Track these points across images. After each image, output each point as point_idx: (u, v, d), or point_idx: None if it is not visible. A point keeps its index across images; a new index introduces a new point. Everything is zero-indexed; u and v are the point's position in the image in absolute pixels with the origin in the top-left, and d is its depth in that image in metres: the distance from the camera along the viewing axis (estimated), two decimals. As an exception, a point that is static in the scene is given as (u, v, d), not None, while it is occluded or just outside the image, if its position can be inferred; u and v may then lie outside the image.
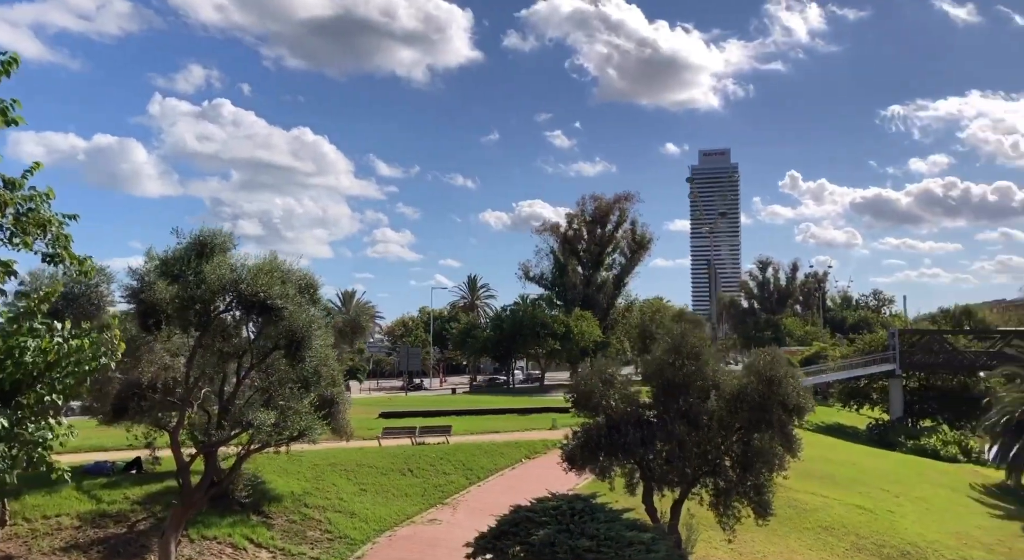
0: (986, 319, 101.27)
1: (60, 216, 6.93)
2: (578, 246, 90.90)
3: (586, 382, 17.68)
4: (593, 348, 78.67)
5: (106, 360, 7.00)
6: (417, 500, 22.30)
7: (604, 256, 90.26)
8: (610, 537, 14.19)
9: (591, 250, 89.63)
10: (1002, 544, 22.71)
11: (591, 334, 76.03)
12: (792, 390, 16.08)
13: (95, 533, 16.83)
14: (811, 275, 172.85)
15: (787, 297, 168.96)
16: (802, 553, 19.16)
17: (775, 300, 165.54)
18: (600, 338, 78.10)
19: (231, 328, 16.15)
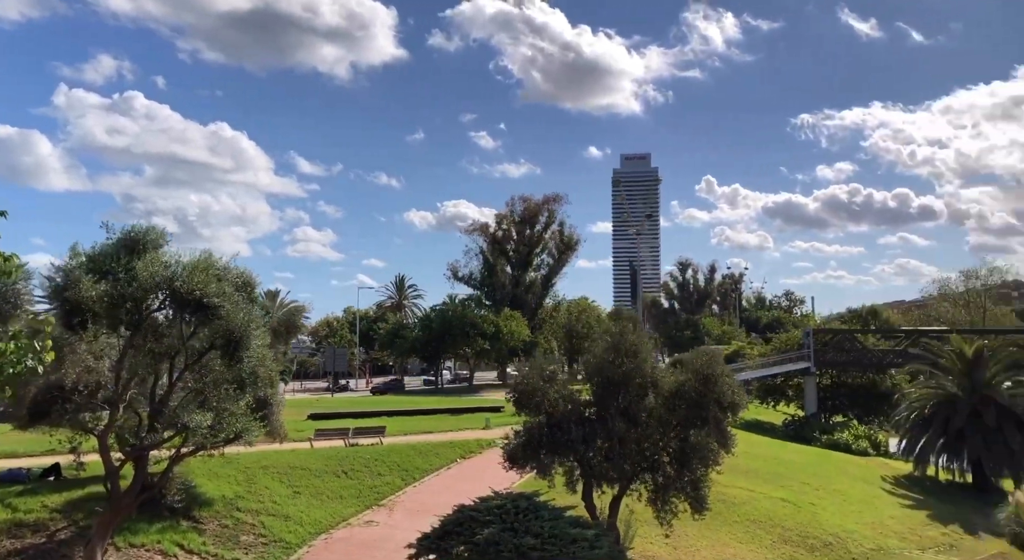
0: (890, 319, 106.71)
1: None
2: (507, 246, 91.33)
3: (527, 381, 17.79)
4: (522, 348, 79.17)
5: (32, 364, 6.63)
6: (352, 502, 21.99)
7: (533, 256, 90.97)
8: (554, 535, 14.31)
9: (520, 250, 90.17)
10: (913, 532, 23.98)
11: (520, 334, 76.48)
12: (727, 388, 16.59)
13: (11, 544, 15.93)
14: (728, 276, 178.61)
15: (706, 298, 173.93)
16: (733, 546, 19.77)
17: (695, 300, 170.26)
18: (529, 338, 78.66)
19: (163, 327, 15.58)
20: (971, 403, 30.78)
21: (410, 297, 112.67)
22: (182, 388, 15.68)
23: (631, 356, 17.28)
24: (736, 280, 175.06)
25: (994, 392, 30.84)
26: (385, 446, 27.36)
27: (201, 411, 14.35)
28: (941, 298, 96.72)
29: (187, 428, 14.06)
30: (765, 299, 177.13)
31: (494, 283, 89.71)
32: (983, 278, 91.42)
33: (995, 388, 31.13)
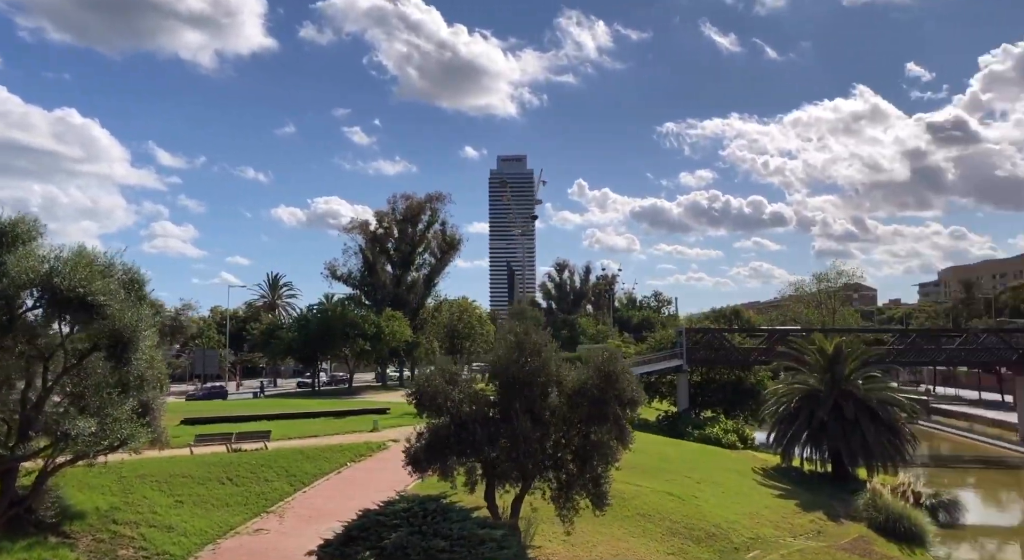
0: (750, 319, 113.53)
1: None
2: (388, 245, 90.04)
3: (430, 382, 17.61)
4: (404, 348, 78.33)
5: None
6: (239, 510, 21.01)
7: (415, 256, 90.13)
8: (463, 536, 14.27)
9: (402, 249, 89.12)
10: (785, 521, 25.56)
11: (402, 334, 75.60)
12: (628, 384, 17.07)
13: None
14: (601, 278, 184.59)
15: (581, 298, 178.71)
16: (626, 540, 20.36)
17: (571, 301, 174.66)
18: (411, 338, 77.88)
19: (38, 327, 14.29)
20: (832, 397, 33.16)
21: (284, 296, 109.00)
22: (58, 393, 14.44)
23: (535, 355, 17.45)
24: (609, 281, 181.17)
25: (852, 386, 33.37)
26: (271, 451, 26.31)
27: (83, 417, 13.26)
28: (796, 299, 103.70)
29: (67, 436, 12.95)
30: (636, 300, 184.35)
31: (374, 282, 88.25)
32: (833, 281, 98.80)
33: (853, 383, 33.68)
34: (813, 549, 22.49)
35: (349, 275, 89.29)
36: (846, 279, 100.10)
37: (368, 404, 47.42)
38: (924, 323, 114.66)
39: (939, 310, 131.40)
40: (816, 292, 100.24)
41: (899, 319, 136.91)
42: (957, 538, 28.40)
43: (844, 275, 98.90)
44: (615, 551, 19.35)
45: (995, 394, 75.82)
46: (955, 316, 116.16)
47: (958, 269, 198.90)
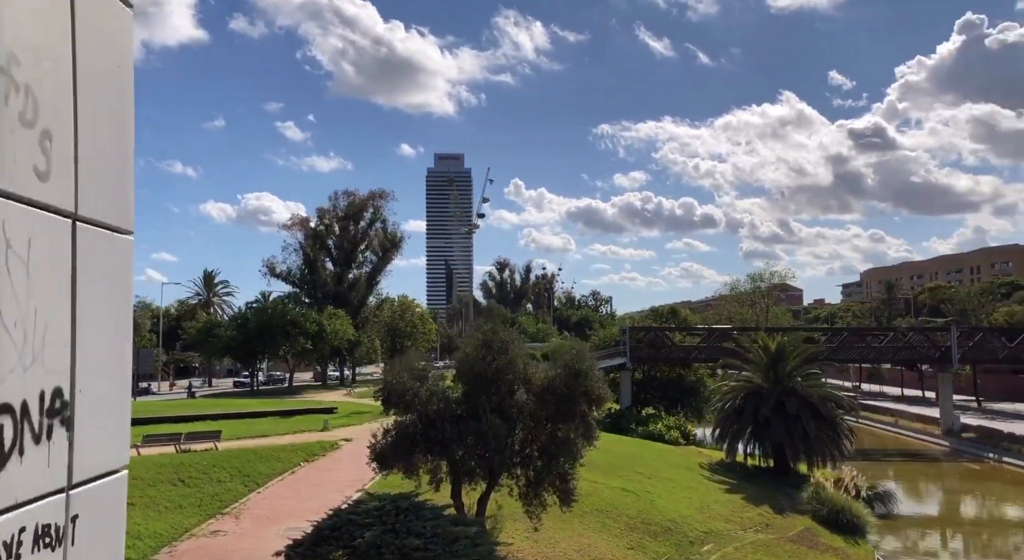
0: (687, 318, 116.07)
1: None
2: (328, 242, 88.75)
3: (398, 379, 17.53)
4: (347, 347, 77.35)
5: None
6: (193, 511, 20.49)
7: (357, 253, 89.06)
8: (436, 534, 14.27)
9: (343, 247, 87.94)
10: (735, 514, 26.31)
11: (344, 333, 74.58)
12: (595, 382, 17.33)
13: None
14: (541, 277, 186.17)
15: (522, 297, 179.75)
16: (587, 536, 20.63)
17: (511, 299, 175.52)
18: (354, 336, 76.94)
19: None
20: (775, 394, 34.22)
21: (220, 294, 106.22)
22: None
23: (502, 353, 17.57)
24: (549, 280, 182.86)
25: (794, 384, 34.51)
26: (221, 451, 25.70)
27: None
28: (731, 298, 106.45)
29: None
30: (575, 299, 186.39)
31: (315, 280, 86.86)
32: (766, 280, 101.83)
33: (795, 380, 34.84)
34: (764, 542, 23.21)
35: (288, 273, 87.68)
36: (779, 279, 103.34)
37: (314, 403, 46.70)
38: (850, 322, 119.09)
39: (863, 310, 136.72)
40: (751, 291, 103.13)
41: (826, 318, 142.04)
42: (892, 528, 29.71)
43: (776, 275, 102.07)
44: (578, 547, 19.59)
45: (916, 390, 79.50)
46: (878, 315, 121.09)
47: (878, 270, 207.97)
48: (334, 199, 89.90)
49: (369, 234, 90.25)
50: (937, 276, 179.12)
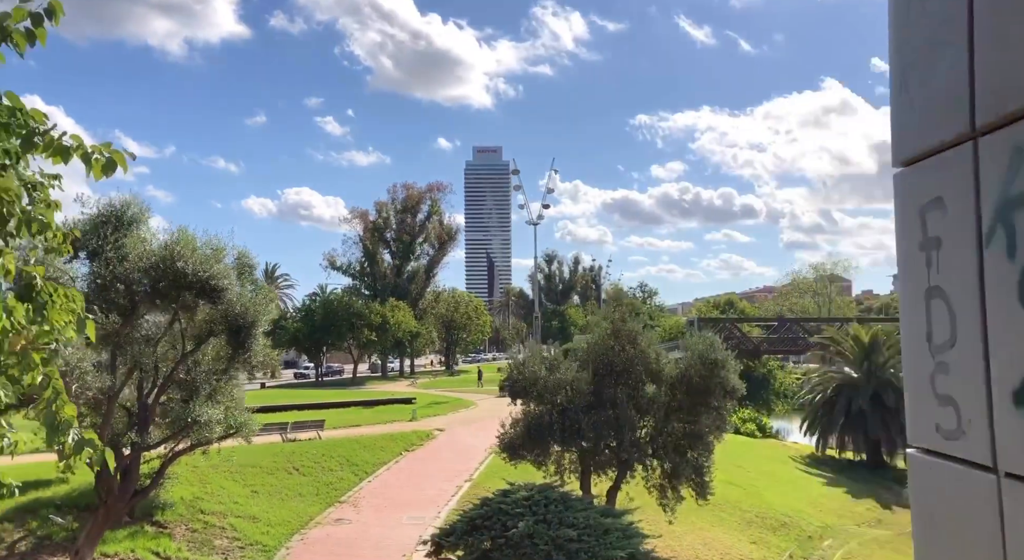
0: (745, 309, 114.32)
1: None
2: (387, 235, 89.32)
3: (527, 368, 17.34)
4: (409, 339, 77.81)
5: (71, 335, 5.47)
6: (313, 500, 20.64)
7: (415, 246, 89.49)
8: (589, 525, 14.01)
9: (402, 240, 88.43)
10: (844, 509, 25.69)
11: (407, 324, 75.02)
12: (731, 373, 16.90)
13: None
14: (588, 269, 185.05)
15: (570, 289, 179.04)
16: (708, 530, 20.27)
17: (559, 292, 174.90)
18: (415, 328, 77.38)
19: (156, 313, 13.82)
20: (871, 386, 33.31)
21: (282, 287, 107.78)
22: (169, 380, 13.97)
23: (631, 343, 17.24)
24: (596, 272, 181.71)
25: (892, 375, 33.54)
26: (325, 440, 25.88)
27: (210, 404, 12.83)
28: (793, 288, 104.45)
29: (196, 423, 12.52)
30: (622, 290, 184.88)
31: (374, 273, 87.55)
32: (829, 271, 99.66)
33: (890, 371, 33.87)
34: (885, 538, 22.53)
35: (348, 265, 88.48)
36: (841, 269, 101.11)
37: (389, 394, 47.00)
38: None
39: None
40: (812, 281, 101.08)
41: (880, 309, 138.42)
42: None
43: (840, 265, 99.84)
44: (703, 540, 19.25)
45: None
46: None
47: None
48: (392, 192, 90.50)
49: (427, 227, 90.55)
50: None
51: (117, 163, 4.53)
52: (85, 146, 4.53)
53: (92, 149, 4.48)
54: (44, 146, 4.53)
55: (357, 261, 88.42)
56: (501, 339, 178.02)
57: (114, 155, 4.49)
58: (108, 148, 4.48)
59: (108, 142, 4.57)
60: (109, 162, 4.51)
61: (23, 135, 4.53)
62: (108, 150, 4.49)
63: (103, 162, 4.52)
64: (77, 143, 4.51)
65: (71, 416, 5.08)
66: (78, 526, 14.45)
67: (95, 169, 4.52)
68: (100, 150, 4.48)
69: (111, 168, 4.56)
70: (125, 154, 4.54)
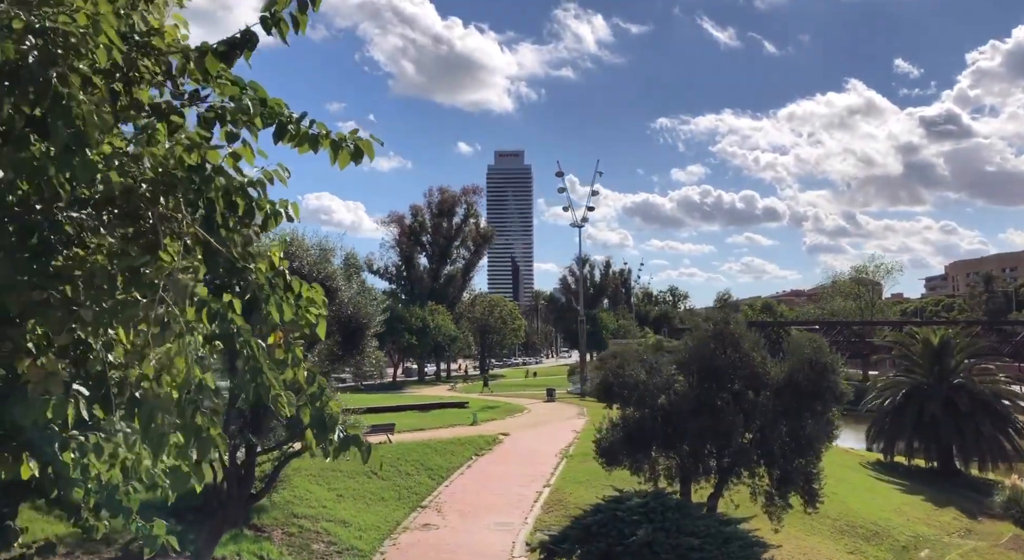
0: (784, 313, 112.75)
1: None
2: (423, 239, 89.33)
3: (625, 371, 16.88)
4: (447, 342, 77.64)
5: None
6: (395, 504, 20.31)
7: (451, 249, 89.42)
8: (710, 534, 13.53)
9: (439, 243, 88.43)
10: (931, 518, 24.85)
11: (446, 328, 74.83)
12: (840, 377, 16.32)
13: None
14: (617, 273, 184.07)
15: (601, 293, 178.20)
16: (804, 539, 19.62)
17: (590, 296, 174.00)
18: (453, 332, 77.19)
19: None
20: (943, 390, 32.37)
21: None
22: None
23: (733, 346, 16.71)
24: (626, 276, 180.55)
25: (967, 380, 32.59)
26: (396, 444, 25.56)
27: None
28: (835, 291, 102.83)
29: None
30: (652, 294, 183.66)
31: (411, 276, 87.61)
32: (871, 274, 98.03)
33: (961, 376, 32.92)
34: (983, 549, 21.74)
35: (385, 269, 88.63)
36: (884, 272, 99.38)
37: (442, 398, 46.78)
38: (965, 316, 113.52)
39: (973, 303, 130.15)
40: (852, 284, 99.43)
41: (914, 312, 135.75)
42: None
43: (883, 268, 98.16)
44: (801, 549, 18.64)
45: None
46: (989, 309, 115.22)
47: (965, 263, 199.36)
48: (428, 196, 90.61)
49: (463, 229, 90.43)
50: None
51: (364, 151, 4.19)
52: (331, 134, 4.21)
53: (339, 137, 4.16)
54: (292, 135, 4.19)
55: (393, 265, 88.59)
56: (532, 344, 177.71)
57: (360, 143, 4.16)
58: (354, 136, 4.14)
59: (355, 129, 4.22)
60: (357, 150, 4.17)
61: (278, 124, 4.19)
62: (355, 138, 4.15)
63: (351, 150, 4.19)
64: (325, 131, 4.18)
65: (337, 412, 4.68)
66: (181, 529, 14.19)
67: (342, 157, 4.17)
68: (347, 138, 4.15)
69: (359, 156, 4.22)
70: (373, 141, 4.20)
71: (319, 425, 4.36)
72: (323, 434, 4.43)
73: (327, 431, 4.41)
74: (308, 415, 4.28)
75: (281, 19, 3.99)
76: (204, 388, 4.20)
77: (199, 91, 4.11)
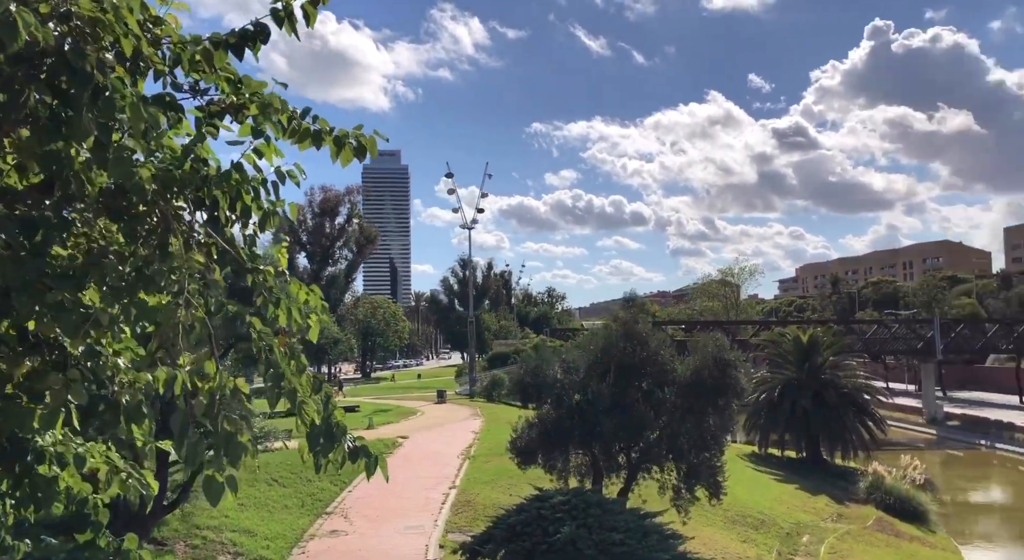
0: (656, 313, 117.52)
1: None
2: (304, 238, 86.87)
3: (542, 370, 17.16)
4: (330, 345, 75.80)
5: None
6: (299, 511, 19.73)
7: (334, 250, 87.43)
8: (630, 529, 13.98)
9: (321, 244, 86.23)
10: (806, 506, 26.66)
11: (329, 331, 72.98)
12: (743, 373, 17.27)
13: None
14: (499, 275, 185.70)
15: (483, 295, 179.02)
16: (701, 529, 20.50)
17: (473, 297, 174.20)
18: (337, 334, 75.47)
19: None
20: (812, 385, 34.81)
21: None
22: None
23: (643, 344, 17.35)
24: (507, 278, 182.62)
25: (832, 375, 35.19)
26: (294, 450, 24.73)
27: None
28: (702, 291, 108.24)
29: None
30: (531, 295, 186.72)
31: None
32: (736, 276, 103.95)
33: (833, 372, 35.53)
34: (855, 532, 23.53)
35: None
36: (748, 274, 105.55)
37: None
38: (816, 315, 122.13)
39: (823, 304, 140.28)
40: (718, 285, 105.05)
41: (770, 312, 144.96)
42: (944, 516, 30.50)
43: (747, 270, 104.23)
44: (702, 540, 19.51)
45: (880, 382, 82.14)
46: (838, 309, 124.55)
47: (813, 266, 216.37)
48: (309, 195, 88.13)
49: (347, 230, 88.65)
50: (871, 271, 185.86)
51: (367, 148, 4.16)
52: (335, 131, 4.16)
53: (342, 134, 4.12)
54: (294, 131, 4.12)
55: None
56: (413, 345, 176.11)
57: (364, 140, 4.12)
58: (357, 133, 4.11)
59: (360, 124, 4.20)
60: (360, 147, 4.14)
61: (282, 119, 4.10)
62: (358, 135, 4.12)
63: (354, 147, 4.15)
64: (327, 128, 4.13)
65: (343, 420, 4.58)
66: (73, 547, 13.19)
67: (345, 154, 4.13)
68: (350, 135, 4.12)
69: (361, 153, 4.19)
70: (377, 137, 4.18)
71: (327, 434, 4.22)
72: (330, 444, 4.30)
73: (334, 441, 4.28)
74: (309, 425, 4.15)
75: (291, 12, 3.89)
76: (236, 392, 4.04)
77: (199, 84, 3.92)
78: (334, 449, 4.18)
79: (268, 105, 3.94)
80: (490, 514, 18.43)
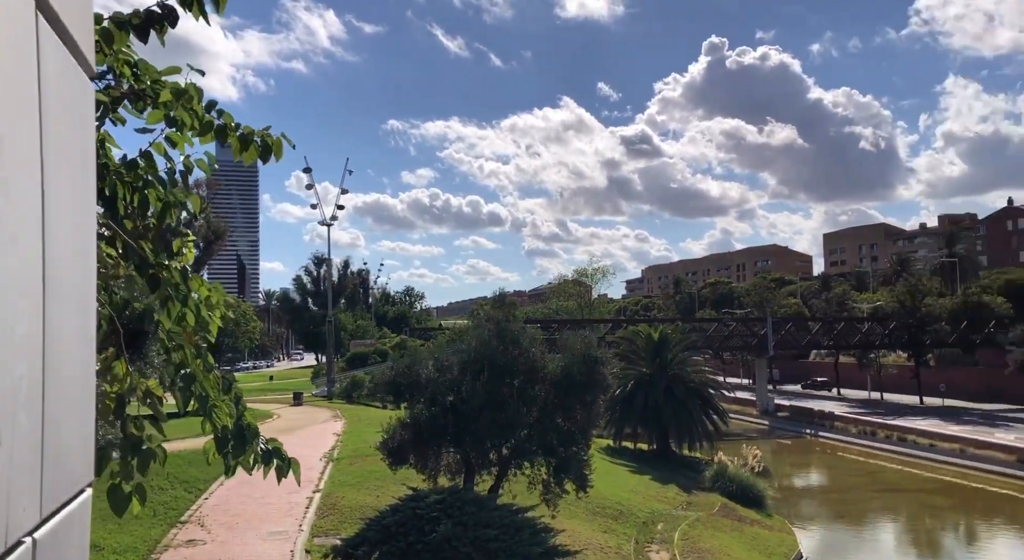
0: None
1: None
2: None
3: (413, 370, 17.09)
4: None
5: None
6: (150, 522, 18.48)
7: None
8: (505, 525, 14.25)
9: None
10: (660, 495, 28.11)
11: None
12: (608, 370, 17.97)
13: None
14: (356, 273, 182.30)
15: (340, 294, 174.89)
16: (564, 522, 20.94)
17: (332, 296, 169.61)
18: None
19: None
20: (663, 381, 36.76)
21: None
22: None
23: (514, 342, 17.68)
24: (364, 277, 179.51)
25: (681, 371, 37.28)
26: (141, 457, 23.19)
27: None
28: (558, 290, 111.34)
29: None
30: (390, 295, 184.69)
31: (130, 272, 79.41)
32: (590, 276, 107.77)
33: (680, 368, 37.64)
34: (703, 519, 25.03)
35: (97, 264, 79.24)
36: (601, 275, 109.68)
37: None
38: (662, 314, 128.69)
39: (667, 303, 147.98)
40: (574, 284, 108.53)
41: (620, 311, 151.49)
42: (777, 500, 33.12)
43: (601, 271, 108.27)
44: (568, 532, 20.12)
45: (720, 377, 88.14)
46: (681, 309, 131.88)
47: (658, 267, 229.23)
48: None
49: (192, 225, 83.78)
50: (709, 273, 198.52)
51: (273, 150, 4.12)
52: (240, 128, 4.10)
53: (247, 132, 4.07)
54: (192, 124, 4.04)
55: (106, 260, 79.52)
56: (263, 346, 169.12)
57: (270, 140, 4.09)
58: (264, 133, 4.08)
59: (268, 125, 4.17)
60: (265, 147, 4.10)
61: (196, 109, 4.00)
62: (264, 135, 4.08)
63: (259, 146, 4.11)
64: (232, 123, 4.07)
65: (255, 423, 4.50)
66: None
67: (249, 153, 4.08)
68: (257, 134, 4.08)
69: (267, 154, 4.16)
70: (284, 141, 4.14)
71: (238, 437, 4.09)
72: (241, 446, 4.17)
73: (246, 443, 4.16)
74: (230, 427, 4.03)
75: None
76: (149, 395, 3.92)
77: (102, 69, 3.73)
78: (244, 452, 4.04)
79: (184, 92, 3.76)
80: (357, 517, 18.16)
